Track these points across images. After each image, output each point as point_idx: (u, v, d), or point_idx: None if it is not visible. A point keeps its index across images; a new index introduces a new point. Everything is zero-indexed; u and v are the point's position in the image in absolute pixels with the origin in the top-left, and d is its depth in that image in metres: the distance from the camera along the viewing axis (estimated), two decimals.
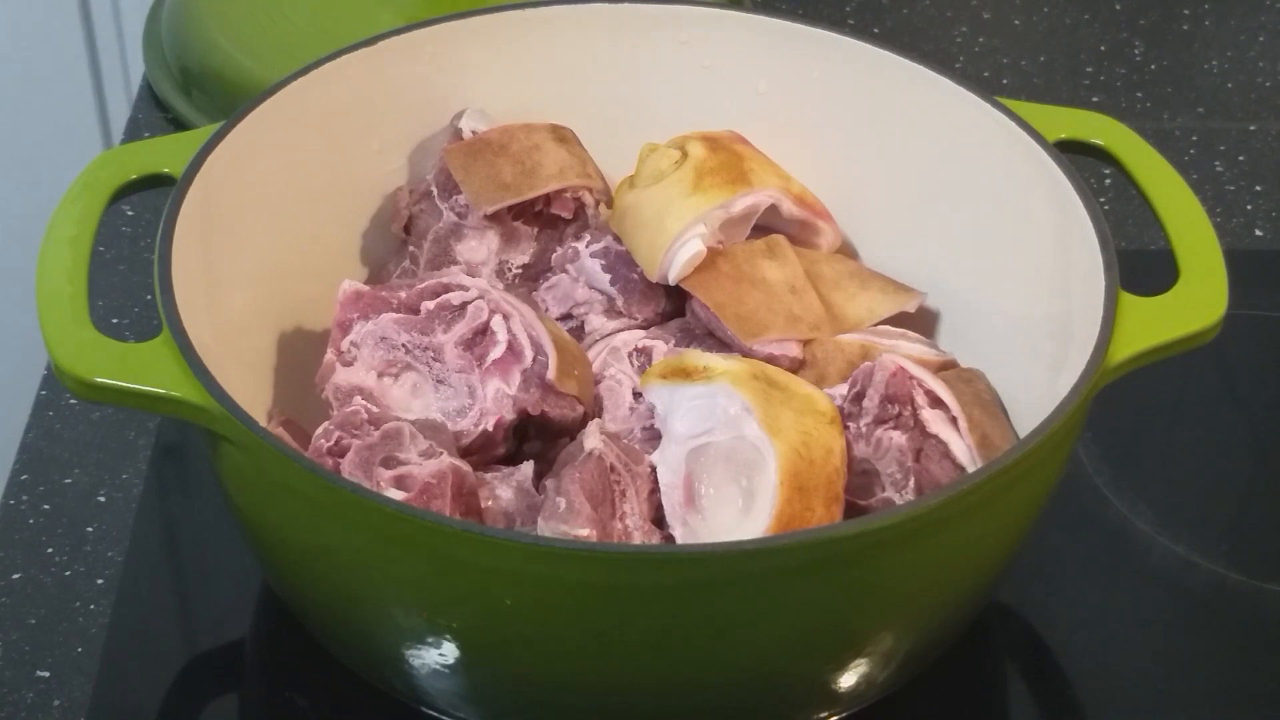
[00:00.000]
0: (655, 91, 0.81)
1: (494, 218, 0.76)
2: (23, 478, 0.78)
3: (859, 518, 0.59)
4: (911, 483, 0.66)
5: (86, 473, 0.79)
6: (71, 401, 0.82)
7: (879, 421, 0.67)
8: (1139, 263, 0.67)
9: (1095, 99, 1.07)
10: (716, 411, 0.64)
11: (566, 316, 0.75)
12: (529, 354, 0.68)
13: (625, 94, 0.81)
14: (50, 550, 0.75)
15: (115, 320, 0.87)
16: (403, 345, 0.68)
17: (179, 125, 1.00)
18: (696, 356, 0.66)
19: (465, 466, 0.64)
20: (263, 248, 0.73)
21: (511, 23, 0.79)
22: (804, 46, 0.78)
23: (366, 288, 0.69)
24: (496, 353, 0.68)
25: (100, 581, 0.73)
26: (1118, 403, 0.68)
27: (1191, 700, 0.71)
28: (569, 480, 0.63)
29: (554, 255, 0.77)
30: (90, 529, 0.76)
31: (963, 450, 0.65)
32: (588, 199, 0.78)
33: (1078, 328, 0.64)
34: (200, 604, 0.74)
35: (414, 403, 0.68)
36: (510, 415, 0.67)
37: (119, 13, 1.42)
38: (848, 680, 0.62)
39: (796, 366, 0.72)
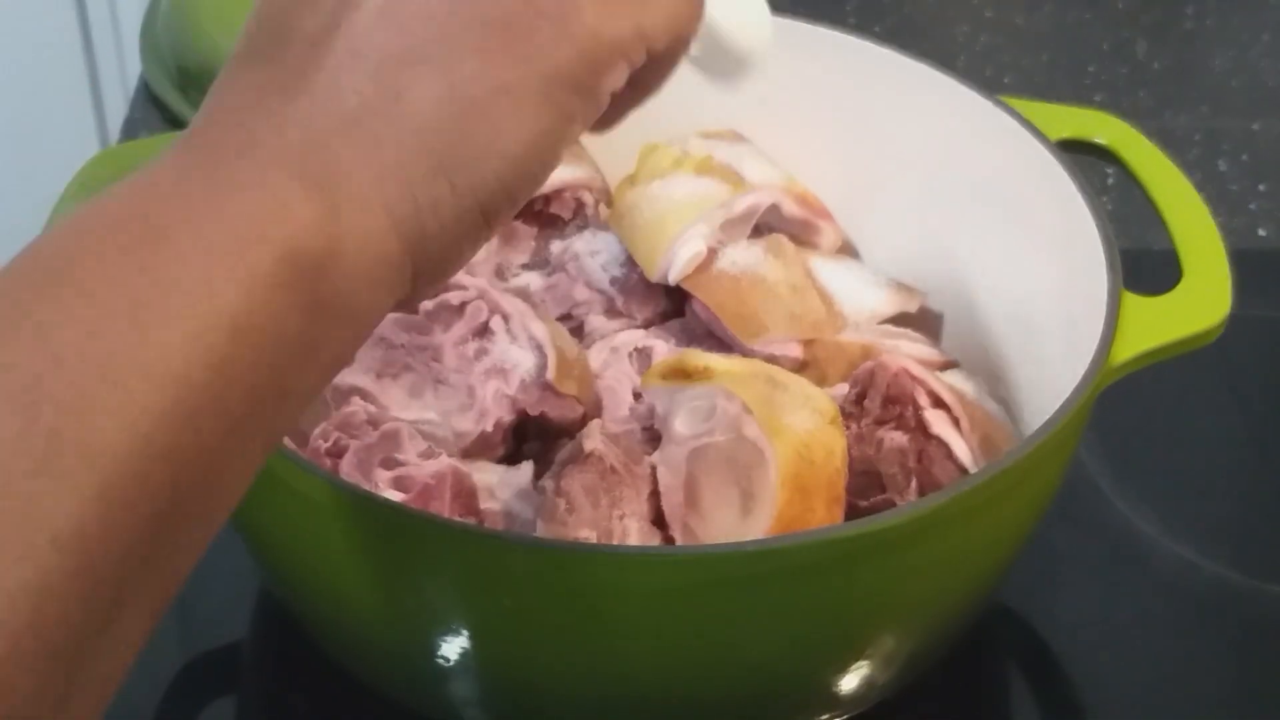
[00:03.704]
0: None
1: None
2: None
3: (860, 519, 0.58)
4: (913, 484, 0.65)
5: None
6: None
7: (880, 422, 0.67)
8: (1142, 262, 0.67)
9: (1098, 98, 1.07)
10: (716, 412, 0.63)
11: (566, 316, 0.75)
12: (528, 354, 0.67)
13: None
14: None
15: None
16: (401, 345, 0.68)
17: (176, 124, 0.99)
18: (696, 356, 0.65)
19: (465, 467, 0.64)
20: None
21: None
22: (804, 46, 0.78)
23: None
24: (496, 353, 0.68)
25: None
26: (1120, 403, 0.68)
27: (1192, 701, 0.71)
28: (569, 480, 0.63)
29: (554, 254, 0.77)
30: None
31: (964, 451, 0.65)
32: (588, 199, 0.77)
33: (1080, 328, 0.64)
34: (199, 604, 0.74)
35: (413, 403, 0.68)
36: (509, 416, 0.67)
37: (116, 12, 1.42)
38: (849, 682, 0.62)
39: (797, 367, 0.72)
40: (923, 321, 0.76)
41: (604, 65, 0.45)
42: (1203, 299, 0.64)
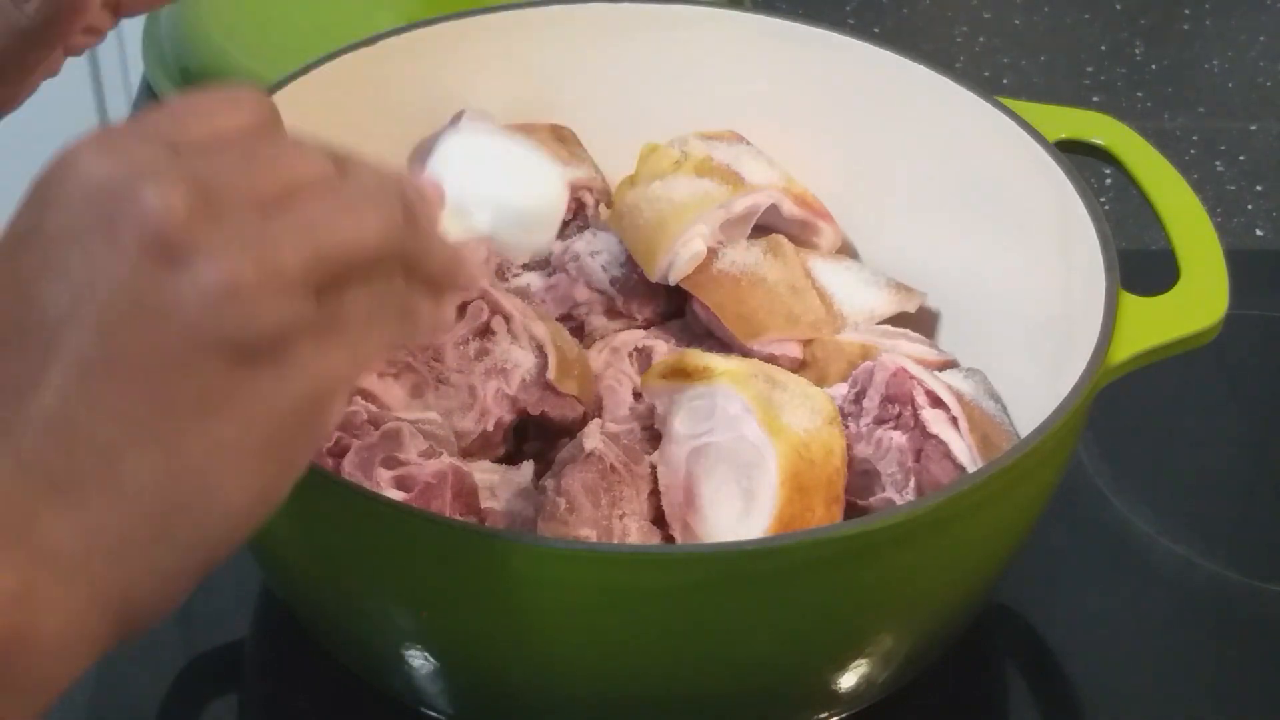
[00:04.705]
0: (655, 91, 0.81)
1: None
2: None
3: (859, 518, 0.59)
4: (912, 483, 0.66)
5: None
6: None
7: (879, 421, 0.67)
8: (1139, 263, 0.67)
9: (1096, 99, 1.07)
10: (716, 411, 0.64)
11: (566, 316, 0.75)
12: (529, 354, 0.68)
13: (625, 94, 0.81)
14: None
15: None
16: (402, 345, 0.68)
17: None
18: (696, 356, 0.66)
19: (465, 467, 0.64)
20: None
21: (511, 23, 0.79)
22: (804, 46, 0.78)
23: None
24: (496, 353, 0.68)
25: None
26: (1118, 403, 0.68)
27: (1191, 700, 0.71)
28: (569, 480, 0.63)
29: (554, 255, 0.77)
30: None
31: (963, 450, 0.65)
32: (588, 199, 0.78)
33: (1078, 328, 0.64)
34: (200, 604, 0.74)
35: (414, 403, 0.68)
36: (510, 415, 0.67)
37: None
38: (848, 680, 0.62)
39: (797, 366, 0.72)
40: (921, 321, 0.77)
41: (325, 405, 0.42)
42: (1200, 299, 0.64)
